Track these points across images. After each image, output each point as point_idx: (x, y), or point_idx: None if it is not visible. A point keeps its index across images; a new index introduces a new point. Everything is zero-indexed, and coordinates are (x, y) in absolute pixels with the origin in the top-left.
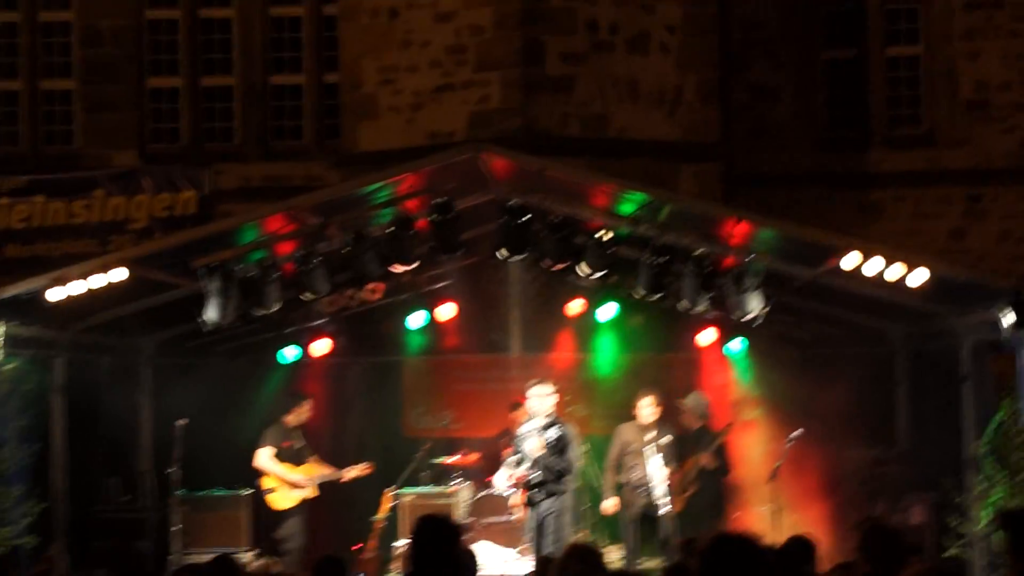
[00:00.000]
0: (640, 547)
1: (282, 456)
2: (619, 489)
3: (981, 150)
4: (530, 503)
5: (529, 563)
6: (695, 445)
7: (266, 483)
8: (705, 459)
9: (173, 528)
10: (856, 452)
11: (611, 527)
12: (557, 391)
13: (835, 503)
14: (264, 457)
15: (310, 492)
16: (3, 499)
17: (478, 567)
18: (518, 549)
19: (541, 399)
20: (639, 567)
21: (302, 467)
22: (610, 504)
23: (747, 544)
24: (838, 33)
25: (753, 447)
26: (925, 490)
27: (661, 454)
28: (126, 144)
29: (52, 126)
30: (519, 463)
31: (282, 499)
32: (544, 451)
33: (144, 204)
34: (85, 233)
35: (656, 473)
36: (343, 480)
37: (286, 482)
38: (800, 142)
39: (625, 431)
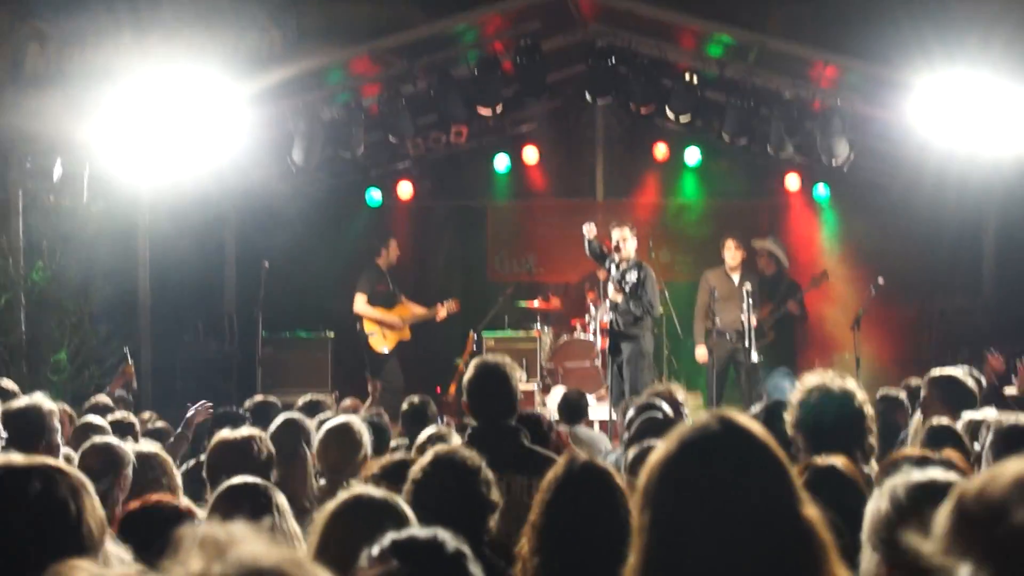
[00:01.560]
0: (722, 394)
1: (378, 299)
2: (707, 336)
3: None
4: (609, 348)
5: (607, 408)
6: (772, 290)
7: (367, 327)
8: (792, 305)
9: (257, 369)
10: (940, 301)
11: (690, 374)
12: (637, 235)
13: (917, 351)
14: (360, 303)
15: (404, 334)
16: (90, 338)
17: (587, 406)
18: (597, 394)
19: (623, 242)
20: None
21: (396, 309)
22: (702, 353)
23: (842, 394)
24: None
25: (836, 295)
26: (1009, 340)
27: (748, 300)
28: None
29: None
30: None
31: (380, 342)
32: (622, 295)
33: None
34: None
35: (743, 319)
36: (438, 319)
37: (383, 325)
38: None
39: (712, 277)
